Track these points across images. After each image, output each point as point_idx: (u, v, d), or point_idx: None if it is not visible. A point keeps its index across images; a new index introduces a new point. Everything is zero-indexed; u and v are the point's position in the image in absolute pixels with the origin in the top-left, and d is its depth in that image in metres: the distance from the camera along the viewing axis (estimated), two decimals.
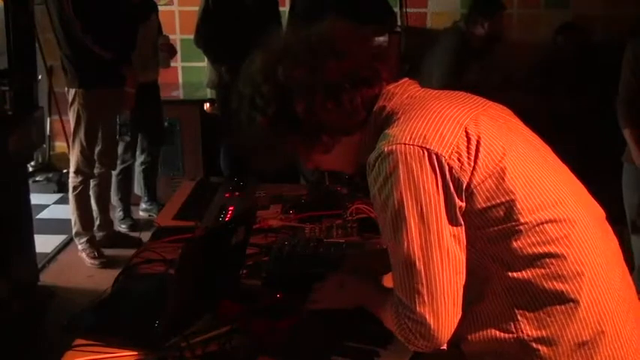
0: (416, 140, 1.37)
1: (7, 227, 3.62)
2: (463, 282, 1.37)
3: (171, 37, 5.05)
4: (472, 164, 1.37)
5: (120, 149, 4.79)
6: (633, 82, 3.37)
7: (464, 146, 1.38)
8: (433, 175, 1.35)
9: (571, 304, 1.37)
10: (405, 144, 1.37)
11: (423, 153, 1.36)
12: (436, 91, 1.55)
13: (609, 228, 1.52)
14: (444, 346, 1.40)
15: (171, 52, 4.94)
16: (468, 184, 1.36)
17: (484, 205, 1.37)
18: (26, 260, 3.92)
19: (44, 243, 4.49)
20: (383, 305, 1.50)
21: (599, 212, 1.52)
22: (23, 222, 3.89)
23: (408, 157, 1.36)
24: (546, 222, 1.38)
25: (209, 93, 5.20)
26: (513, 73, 4.88)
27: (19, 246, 3.80)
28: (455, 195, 1.36)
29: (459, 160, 1.36)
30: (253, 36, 1.55)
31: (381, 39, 5.09)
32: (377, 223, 2.26)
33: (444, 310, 1.35)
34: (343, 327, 1.66)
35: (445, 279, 1.35)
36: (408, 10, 5.36)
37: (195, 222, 2.33)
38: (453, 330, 1.37)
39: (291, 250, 2.10)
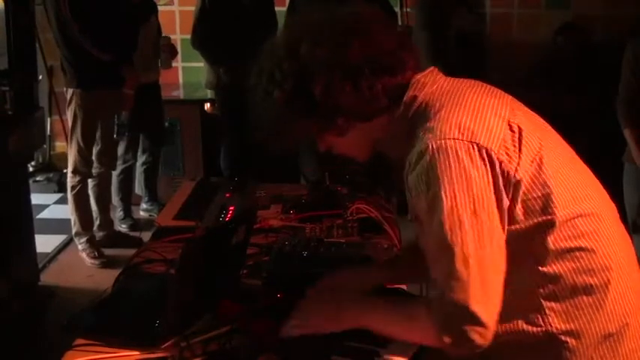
0: (465, 135, 1.35)
1: (8, 227, 3.62)
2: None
3: (171, 37, 5.05)
4: (517, 157, 1.36)
5: (121, 149, 4.80)
6: (633, 82, 3.37)
7: (509, 139, 1.37)
8: (485, 170, 1.33)
9: (599, 297, 1.39)
10: (454, 139, 1.34)
11: (474, 148, 1.34)
12: (461, 80, 1.52)
13: (622, 223, 1.54)
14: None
15: (173, 52, 4.94)
16: (514, 177, 1.35)
17: (523, 198, 1.37)
18: (26, 260, 3.93)
19: (44, 243, 4.48)
20: (403, 317, 1.47)
21: (614, 207, 1.53)
22: (24, 222, 3.89)
23: (459, 152, 1.33)
24: (578, 216, 1.39)
25: (209, 93, 5.20)
26: (513, 72, 4.88)
27: (19, 246, 3.80)
28: (504, 191, 1.35)
29: (507, 154, 1.36)
30: (250, 36, 1.55)
31: None
32: (378, 222, 2.30)
33: (495, 309, 1.33)
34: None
35: (497, 277, 1.33)
36: (408, 9, 5.36)
37: (196, 222, 2.33)
38: (495, 327, 1.34)
39: (291, 250, 2.10)
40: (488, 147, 1.34)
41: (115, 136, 4.46)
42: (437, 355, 1.48)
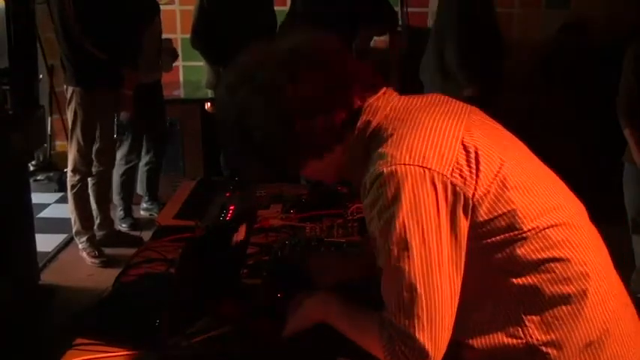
0: (416, 160, 1.33)
1: (8, 226, 3.62)
2: (456, 307, 1.35)
3: (172, 36, 5.06)
4: (475, 178, 1.35)
5: (125, 150, 4.80)
6: (634, 82, 3.37)
7: (464, 160, 1.35)
8: (434, 196, 1.32)
9: (577, 305, 1.38)
10: (404, 164, 1.33)
11: (424, 172, 1.32)
12: (416, 98, 1.51)
13: (592, 224, 1.51)
14: None
15: (174, 55, 4.95)
16: (472, 198, 1.34)
17: (486, 218, 1.35)
18: (27, 259, 3.93)
19: (45, 242, 4.49)
20: (359, 328, 1.47)
21: (583, 208, 1.51)
22: (24, 221, 3.90)
23: (410, 178, 1.32)
24: (548, 227, 1.38)
25: (210, 92, 5.20)
26: (513, 72, 4.88)
27: (19, 245, 3.80)
28: (461, 213, 1.33)
29: (461, 176, 1.34)
30: (250, 36, 1.55)
31: (382, 38, 5.11)
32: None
33: (440, 336, 1.32)
34: None
35: (444, 305, 1.32)
36: (409, 9, 5.35)
37: (196, 221, 2.33)
38: (442, 354, 1.34)
39: (291, 249, 2.10)
40: (439, 171, 1.33)
41: (114, 135, 4.46)
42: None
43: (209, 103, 5.16)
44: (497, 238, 1.36)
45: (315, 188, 2.71)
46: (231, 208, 2.39)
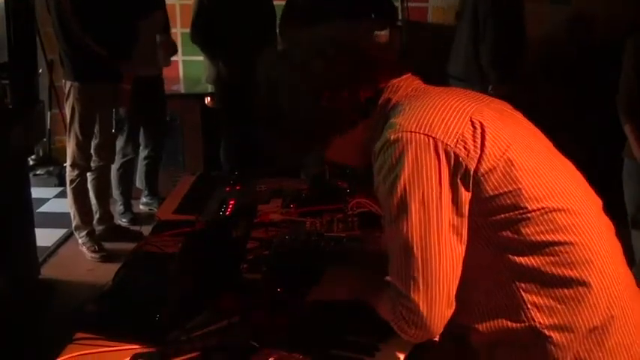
0: (422, 128, 1.39)
1: (8, 221, 3.62)
2: (459, 275, 1.39)
3: (172, 30, 5.05)
4: (479, 152, 1.39)
5: (121, 143, 4.80)
6: (634, 78, 3.37)
7: (469, 134, 1.40)
8: (437, 163, 1.37)
9: (581, 290, 1.39)
10: (410, 132, 1.39)
11: (429, 140, 1.38)
12: (439, 87, 1.57)
13: (607, 217, 1.54)
14: (437, 337, 1.42)
15: (173, 50, 4.96)
16: (475, 172, 1.38)
17: (491, 194, 1.38)
18: (27, 254, 3.93)
19: (45, 237, 4.49)
20: (378, 295, 1.52)
21: (599, 202, 1.54)
22: (24, 216, 3.90)
23: (414, 145, 1.38)
24: (554, 210, 1.40)
25: (210, 87, 5.20)
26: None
27: (19, 240, 3.81)
28: (461, 184, 1.37)
29: (464, 148, 1.38)
30: (249, 31, 1.59)
31: (382, 33, 5.10)
32: (378, 216, 2.30)
33: (437, 300, 1.36)
34: (343, 321, 1.66)
35: (441, 268, 1.36)
36: (409, 4, 5.35)
37: (196, 216, 2.33)
38: (445, 321, 1.38)
39: (291, 244, 2.10)
40: (443, 140, 1.38)
41: (113, 130, 4.46)
42: (434, 350, 1.49)
43: (209, 98, 5.15)
44: (503, 215, 1.39)
45: (315, 183, 2.71)
46: (231, 202, 2.39)
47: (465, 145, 1.38)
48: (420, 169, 1.37)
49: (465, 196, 1.38)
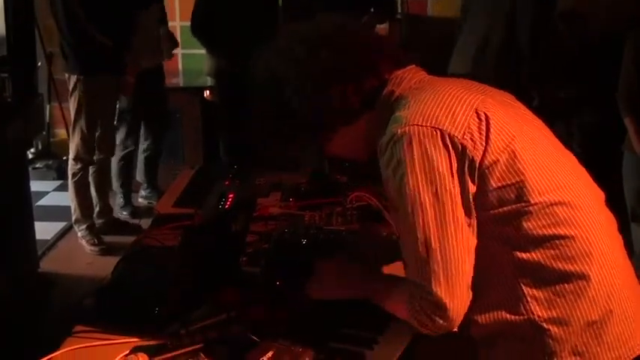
0: (428, 121, 1.39)
1: (7, 214, 3.62)
2: (473, 264, 1.39)
3: (171, 24, 5.04)
4: (484, 144, 1.39)
5: (121, 136, 4.79)
6: (634, 72, 3.37)
7: (475, 126, 1.40)
8: (447, 155, 1.37)
9: (580, 283, 1.40)
10: (417, 125, 1.39)
11: (436, 133, 1.38)
12: (443, 78, 1.57)
13: (609, 211, 1.54)
14: (455, 329, 1.41)
15: (174, 43, 4.95)
16: (480, 164, 1.38)
17: (495, 186, 1.39)
18: (26, 247, 3.93)
19: (44, 230, 4.48)
20: (388, 293, 1.51)
21: (601, 195, 1.55)
22: (23, 209, 3.89)
23: (422, 138, 1.37)
24: (555, 204, 1.40)
25: (210, 80, 5.19)
26: None
27: (18, 233, 3.80)
28: (468, 177, 1.37)
29: (471, 139, 1.38)
30: (250, 24, 1.58)
31: (381, 26, 5.08)
32: (377, 210, 2.30)
33: (458, 290, 1.36)
34: (342, 314, 1.66)
35: (460, 259, 1.36)
36: None
37: (195, 209, 2.33)
38: (465, 310, 1.38)
39: (290, 237, 2.10)
40: (451, 132, 1.38)
41: (115, 122, 4.45)
42: (435, 342, 1.50)
43: (208, 91, 5.14)
44: (506, 208, 1.39)
45: (314, 177, 2.71)
46: (231, 196, 2.38)
47: (472, 136, 1.39)
48: (431, 162, 1.36)
49: (472, 188, 1.38)
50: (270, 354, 1.48)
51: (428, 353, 1.62)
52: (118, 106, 4.51)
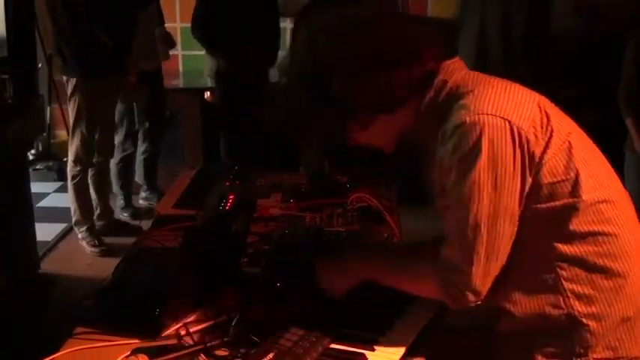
0: (498, 111, 1.40)
1: (8, 216, 3.62)
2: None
3: (171, 25, 5.04)
4: (546, 138, 1.41)
5: (120, 138, 4.79)
6: (634, 72, 3.37)
7: (538, 120, 1.42)
8: (512, 148, 1.39)
9: (620, 281, 1.44)
10: (487, 114, 1.40)
11: (505, 124, 1.39)
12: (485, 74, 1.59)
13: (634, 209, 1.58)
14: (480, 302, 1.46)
15: (171, 43, 4.95)
16: (540, 158, 1.40)
17: (550, 180, 1.41)
18: (26, 249, 3.93)
19: (44, 231, 4.49)
20: (403, 270, 1.56)
21: (627, 193, 1.58)
22: (23, 210, 3.90)
23: (492, 128, 1.39)
24: (602, 202, 1.44)
25: (209, 81, 5.19)
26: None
27: (19, 234, 3.80)
28: (528, 170, 1.40)
29: (534, 134, 1.40)
30: (250, 25, 1.56)
31: None
32: (378, 211, 2.29)
33: (492, 272, 1.42)
34: (342, 314, 1.66)
35: (502, 250, 1.42)
36: None
37: (196, 210, 2.32)
38: (485, 294, 1.44)
39: (291, 238, 2.10)
40: (519, 125, 1.40)
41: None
42: (437, 342, 1.51)
43: (208, 92, 5.15)
44: (557, 203, 1.42)
45: (315, 177, 2.70)
46: (231, 197, 2.38)
47: (535, 130, 1.41)
48: (497, 153, 1.38)
49: (529, 181, 1.41)
50: (271, 355, 1.47)
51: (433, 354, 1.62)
52: (121, 108, 4.51)
